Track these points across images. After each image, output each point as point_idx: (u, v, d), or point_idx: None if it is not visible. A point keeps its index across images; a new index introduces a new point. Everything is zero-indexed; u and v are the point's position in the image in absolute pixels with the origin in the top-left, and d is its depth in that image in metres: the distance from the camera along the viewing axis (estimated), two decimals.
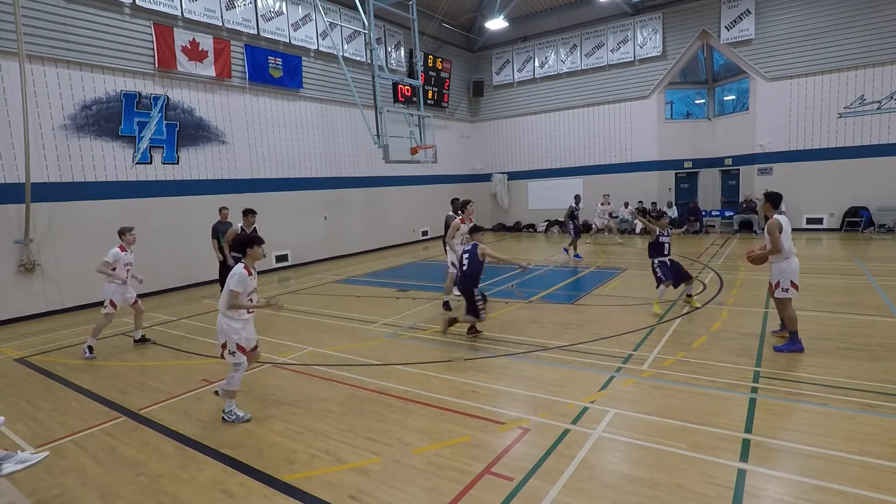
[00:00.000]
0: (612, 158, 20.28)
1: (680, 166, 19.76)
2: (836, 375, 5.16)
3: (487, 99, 23.25)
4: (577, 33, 20.34)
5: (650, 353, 6.09)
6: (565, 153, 21.33)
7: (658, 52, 18.77)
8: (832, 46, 16.05)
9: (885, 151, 15.61)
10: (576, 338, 6.84)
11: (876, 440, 3.90)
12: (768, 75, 17.15)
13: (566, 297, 9.37)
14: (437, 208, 21.23)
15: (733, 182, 19.06)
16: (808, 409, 4.51)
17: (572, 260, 13.86)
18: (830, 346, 6.06)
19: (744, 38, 17.24)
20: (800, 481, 3.48)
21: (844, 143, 16.23)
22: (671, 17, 18.44)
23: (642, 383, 5.26)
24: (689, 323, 7.34)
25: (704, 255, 13.34)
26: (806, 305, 7.93)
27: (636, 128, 19.70)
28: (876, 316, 7.18)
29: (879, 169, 15.70)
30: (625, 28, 19.35)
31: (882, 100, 15.64)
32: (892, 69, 15.37)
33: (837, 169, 16.33)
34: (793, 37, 16.61)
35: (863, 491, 3.29)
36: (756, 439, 4.01)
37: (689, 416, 4.46)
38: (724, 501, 3.26)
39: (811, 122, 16.70)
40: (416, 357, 6.41)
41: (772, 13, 16.81)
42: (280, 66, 14.40)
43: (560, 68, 20.93)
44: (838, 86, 16.18)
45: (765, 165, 17.68)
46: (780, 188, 16.86)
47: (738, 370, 5.45)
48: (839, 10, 15.80)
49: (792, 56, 16.70)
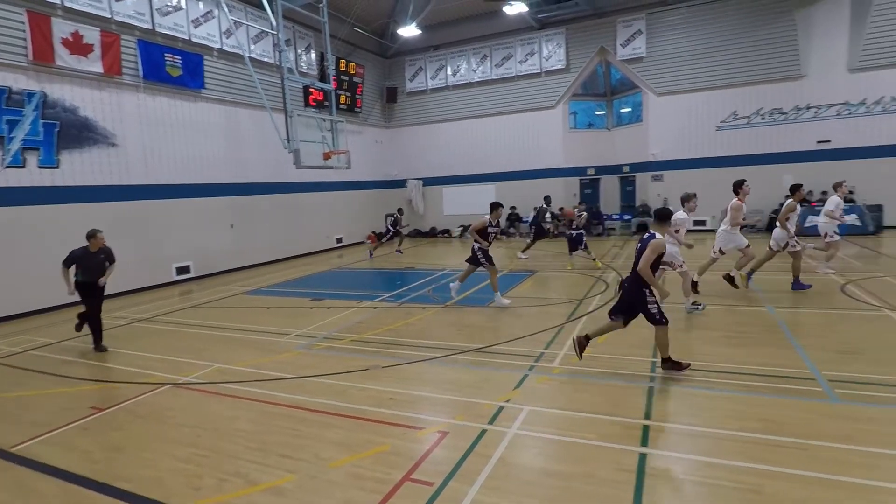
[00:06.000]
0: (522, 165, 21.12)
1: (584, 173, 21.04)
2: (721, 361, 5.73)
3: (401, 105, 23.32)
4: (487, 44, 21.02)
5: (560, 351, 6.39)
6: (478, 160, 21.89)
7: (562, 65, 19.88)
8: (710, 67, 17.91)
9: (756, 161, 17.65)
10: (491, 339, 7.02)
11: (753, 417, 4.37)
12: (658, 90, 18.77)
13: (482, 301, 9.59)
14: (352, 215, 20.95)
15: (630, 188, 20.62)
16: (698, 394, 4.95)
17: (521, 261, 14.09)
18: (716, 335, 6.73)
19: (636, 56, 18.76)
20: (692, 459, 3.82)
21: (722, 152, 18.14)
22: (573, 33, 19.62)
23: (554, 380, 5.50)
24: (595, 320, 7.79)
25: (606, 256, 14.27)
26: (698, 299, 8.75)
27: (543, 136, 20.70)
28: (755, 307, 8.07)
29: (749, 176, 17.54)
30: (531, 41, 20.30)
31: (751, 115, 17.71)
32: (758, 88, 17.46)
33: (717, 176, 18.11)
34: (678, 57, 18.33)
35: (743, 463, 3.67)
36: (654, 424, 4.35)
37: (597, 407, 4.73)
38: (629, 485, 3.49)
39: (695, 134, 18.49)
40: (331, 368, 6.24)
41: (660, 35, 18.45)
42: (179, 65, 13.48)
43: (472, 77, 21.50)
44: (716, 102, 18.08)
45: (657, 173, 19.30)
46: (669, 194, 18.51)
47: (638, 362, 5.88)
48: (715, 35, 17.70)
49: (677, 74, 18.42)
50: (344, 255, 18.48)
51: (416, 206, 23.37)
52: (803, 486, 3.37)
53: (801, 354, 5.78)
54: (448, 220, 23.03)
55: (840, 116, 16.72)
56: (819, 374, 5.20)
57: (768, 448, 3.87)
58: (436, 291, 10.67)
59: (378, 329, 7.93)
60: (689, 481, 3.57)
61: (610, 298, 9.09)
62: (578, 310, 8.44)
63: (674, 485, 3.54)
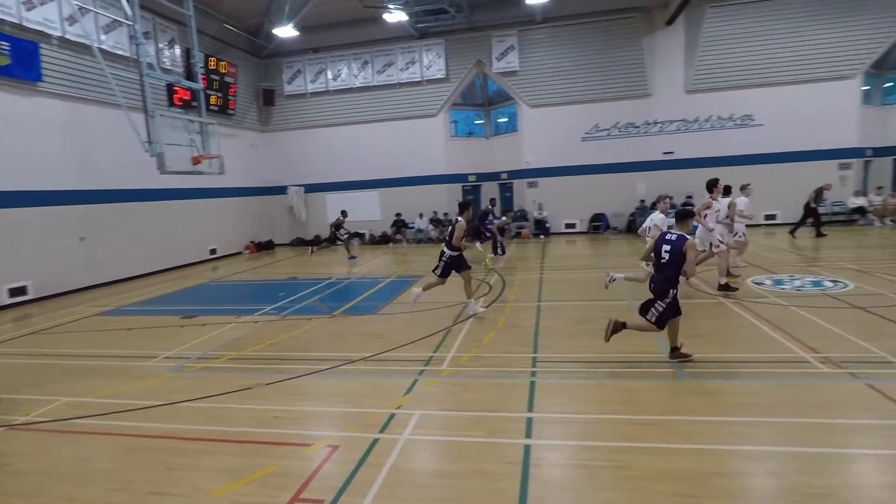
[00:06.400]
0: (406, 172, 21.32)
1: (465, 180, 21.83)
2: (591, 352, 6.27)
3: (280, 108, 22.31)
4: (368, 50, 20.94)
5: (448, 354, 6.55)
6: (362, 166, 21.64)
7: (442, 74, 20.45)
8: (575, 83, 19.60)
9: (616, 169, 19.64)
10: (380, 347, 6.98)
11: (619, 400, 4.85)
12: (531, 103, 20.11)
13: (368, 308, 9.50)
14: (227, 223, 19.57)
15: (509, 194, 21.82)
16: (573, 384, 5.38)
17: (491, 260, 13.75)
18: (586, 328, 7.34)
19: (511, 70, 19.92)
20: (571, 445, 4.14)
21: (588, 161, 19.92)
22: (452, 44, 20.29)
23: (443, 382, 5.62)
24: (480, 322, 8.11)
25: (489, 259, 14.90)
26: (569, 296, 9.49)
27: (426, 144, 21.10)
28: (615, 301, 8.94)
29: (611, 182, 19.69)
30: (412, 50, 20.62)
31: (610, 128, 19.71)
32: (615, 104, 19.47)
33: (584, 182, 19.96)
34: (547, 72, 19.80)
35: (613, 443, 4.06)
36: (537, 416, 4.63)
37: (484, 405, 4.92)
38: (515, 476, 3.67)
39: (564, 144, 20.08)
40: (208, 390, 5.77)
41: (531, 51, 19.79)
42: (7, 52, 11.59)
43: (353, 82, 21.25)
44: (581, 115, 19.82)
45: (532, 179, 20.65)
46: (544, 199, 19.80)
47: (521, 358, 6.23)
48: (578, 54, 19.42)
49: (547, 88, 19.89)
50: (219, 266, 17.18)
51: (297, 214, 22.45)
52: (662, 458, 3.81)
53: (657, 341, 6.52)
54: None
55: (680, 131, 19.24)
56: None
57: (632, 427, 4.32)
58: (321, 301, 10.36)
59: (260, 344, 7.49)
60: (568, 466, 3.86)
61: (494, 300, 9.52)
62: (464, 312, 8.71)
63: (555, 471, 3.81)
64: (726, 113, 18.80)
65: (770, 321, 7.09)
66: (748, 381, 5.20)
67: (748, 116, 18.64)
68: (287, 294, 11.20)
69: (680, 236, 5.53)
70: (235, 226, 20.13)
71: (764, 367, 5.53)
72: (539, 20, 19.31)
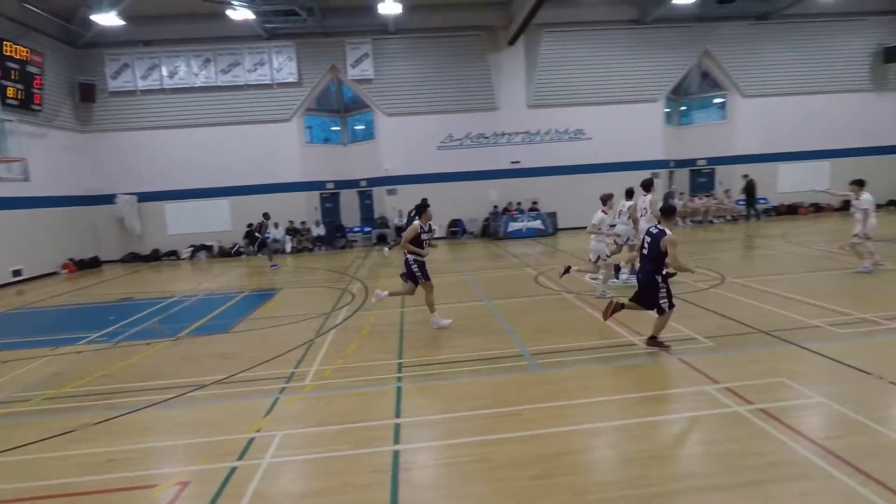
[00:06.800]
0: (259, 179, 20.07)
1: (323, 187, 21.27)
2: (454, 352, 6.52)
3: (103, 106, 19.47)
4: (210, 47, 19.33)
5: (311, 367, 6.30)
6: (208, 172, 19.84)
7: (295, 78, 19.69)
8: (429, 93, 20.29)
9: (469, 177, 20.69)
10: (235, 367, 6.46)
11: (480, 396, 5.11)
12: (387, 111, 20.33)
13: (220, 327, 8.74)
14: (36, 239, 16.57)
15: (369, 201, 21.76)
16: (438, 385, 5.54)
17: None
18: (450, 330, 7.60)
19: (366, 77, 19.93)
20: (438, 445, 4.25)
21: (444, 169, 20.71)
22: (304, 48, 19.64)
23: (306, 398, 5.39)
24: (344, 332, 7.95)
25: (351, 268, 14.72)
26: None
27: (280, 149, 20.11)
28: (473, 302, 9.41)
29: (466, 189, 20.72)
30: (261, 51, 19.53)
31: (463, 138, 20.74)
32: (467, 115, 20.56)
33: (441, 189, 20.63)
34: (402, 82, 20.21)
35: (476, 437, 4.25)
36: (404, 421, 4.67)
37: (350, 417, 4.83)
38: (384, 484, 3.66)
39: (421, 152, 20.63)
40: (14, 440, 4.80)
41: (385, 60, 20.01)
42: None
43: (193, 81, 19.44)
44: (435, 125, 20.56)
45: (391, 187, 20.85)
46: (404, 206, 20.08)
47: (386, 365, 6.23)
48: (431, 66, 20.16)
49: (403, 97, 20.28)
50: (26, 290, 14.45)
51: (129, 226, 19.75)
52: (521, 445, 4.09)
53: (513, 337, 7.01)
54: (174, 240, 20.17)
55: (525, 143, 20.97)
56: (525, 350, 6.41)
57: (494, 420, 4.57)
58: (163, 323, 9.28)
59: (85, 378, 6.45)
60: (436, 466, 3.96)
61: (357, 308, 9.40)
62: (327, 323, 8.47)
63: (423, 473, 3.88)
64: (562, 127, 20.97)
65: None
66: (589, 365, 5.82)
67: (580, 131, 21.01)
68: (119, 318, 9.81)
69: (660, 231, 5.85)
70: (48, 241, 17.10)
71: (600, 352, 6.24)
72: (392, 31, 19.65)
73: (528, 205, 20.73)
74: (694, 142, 22.25)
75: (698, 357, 5.79)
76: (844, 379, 5.03)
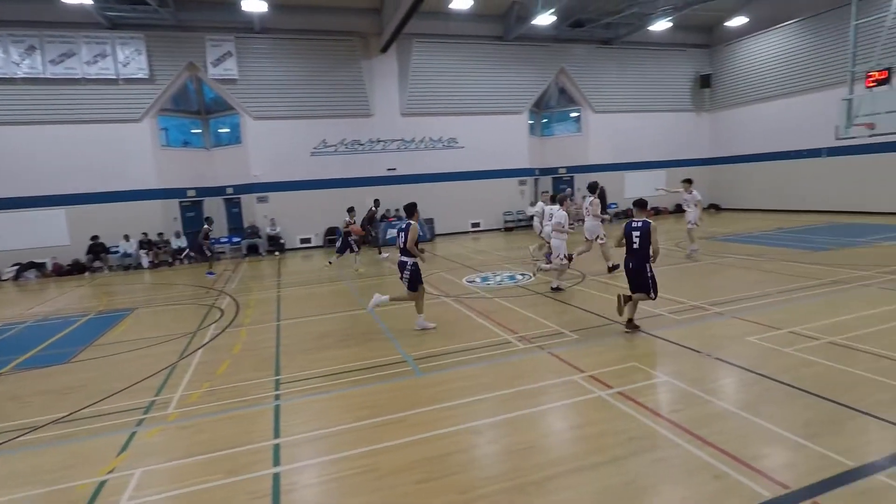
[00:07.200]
0: (105, 185, 17.72)
1: (183, 195, 19.42)
2: (335, 364, 6.33)
3: None
4: (34, 32, 16.63)
5: (175, 394, 5.71)
6: (38, 178, 17.04)
7: (145, 74, 17.72)
8: (300, 97, 19.57)
9: (346, 184, 20.31)
10: (79, 403, 5.62)
11: (363, 406, 5.03)
12: (254, 114, 19.20)
13: (57, 357, 7.55)
14: None
15: (236, 210, 20.31)
16: (318, 399, 5.34)
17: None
18: (328, 341, 7.38)
19: (229, 77, 18.62)
20: (323, 461, 4.09)
21: (318, 176, 20.10)
22: (155, 41, 17.80)
23: (170, 428, 4.87)
24: (213, 351, 7.33)
25: (219, 282, 13.63)
26: (309, 311, 9.39)
27: (130, 153, 17.95)
28: (354, 311, 9.25)
29: (343, 197, 20.20)
30: (102, 41, 17.28)
31: (337, 144, 20.33)
32: (342, 121, 20.19)
33: (317, 197, 20.04)
34: (271, 84, 19.22)
35: (361, 449, 4.17)
36: (284, 441, 4.43)
37: (223, 443, 4.46)
38: None
39: (293, 158, 19.81)
40: None
41: (251, 60, 18.88)
42: None
43: (14, 71, 16.58)
44: (308, 130, 19.89)
45: (262, 194, 19.72)
46: (276, 214, 19.19)
47: (262, 383, 5.86)
48: (302, 69, 19.45)
49: (271, 100, 19.31)
50: None
51: None
52: (406, 451, 4.10)
53: (395, 344, 7.01)
54: None
55: (400, 150, 21.16)
56: (408, 356, 6.44)
57: (378, 429, 4.53)
58: None
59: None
60: (320, 483, 3.81)
61: (227, 325, 8.73)
62: (193, 343, 7.75)
63: (307, 492, 3.71)
64: (436, 135, 21.55)
65: (481, 312, 8.40)
66: (470, 366, 6.03)
67: (453, 139, 21.76)
68: None
69: (644, 221, 6.56)
70: None
71: (479, 351, 6.50)
72: (258, 30, 18.65)
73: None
74: (555, 152, 24.25)
75: (565, 350, 6.29)
76: (683, 359, 5.82)
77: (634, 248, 6.60)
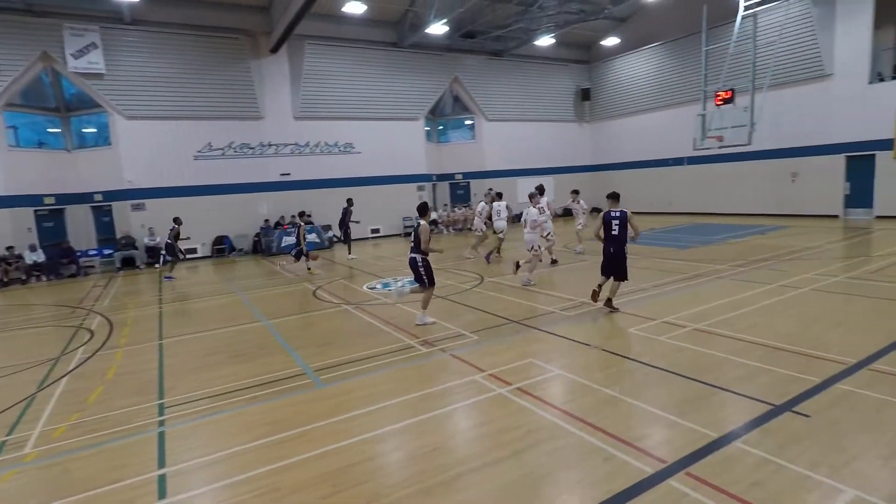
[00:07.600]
0: None
1: (40, 202, 17.05)
2: (226, 382, 5.93)
3: None
4: None
5: (34, 430, 4.99)
6: None
7: None
8: (181, 97, 18.10)
9: (235, 189, 19.17)
10: None
11: (260, 424, 4.77)
12: (126, 113, 17.42)
13: None
14: None
15: (107, 218, 18.26)
16: (209, 421, 4.96)
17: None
18: (219, 358, 6.90)
19: (95, 72, 16.71)
20: (214, 488, 3.79)
21: (203, 181, 18.74)
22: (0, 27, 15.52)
23: (28, 470, 4.25)
24: (81, 378, 6.52)
25: (87, 300, 12.15)
26: (196, 327, 8.70)
27: None
28: (248, 324, 8.74)
29: (232, 203, 19.16)
30: None
31: (225, 148, 19.11)
32: (229, 123, 19.03)
33: (202, 204, 18.61)
34: (146, 81, 17.55)
35: (260, 469, 3.94)
36: (171, 470, 4.06)
37: (96, 481, 3.97)
38: None
39: (173, 162, 18.26)
40: None
41: (121, 53, 17.09)
42: None
43: None
44: (191, 132, 18.46)
45: (137, 201, 17.94)
46: (155, 223, 17.58)
47: (143, 409, 5.33)
48: (183, 66, 17.99)
49: (147, 99, 17.64)
50: None
51: None
52: (309, 466, 3.95)
53: (294, 356, 6.73)
54: None
55: (294, 154, 20.41)
56: (308, 367, 6.22)
57: (279, 446, 4.31)
58: None
59: None
60: None
61: (98, 348, 7.81)
62: (56, 370, 6.83)
63: None
64: (332, 140, 21.09)
65: (382, 318, 8.34)
66: (372, 373, 5.96)
67: (349, 145, 21.44)
68: None
69: (622, 211, 7.46)
70: None
71: (382, 358, 6.45)
72: (129, 21, 16.97)
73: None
74: (451, 158, 24.85)
75: (466, 351, 6.46)
76: (572, 352, 6.24)
77: (613, 234, 7.49)
